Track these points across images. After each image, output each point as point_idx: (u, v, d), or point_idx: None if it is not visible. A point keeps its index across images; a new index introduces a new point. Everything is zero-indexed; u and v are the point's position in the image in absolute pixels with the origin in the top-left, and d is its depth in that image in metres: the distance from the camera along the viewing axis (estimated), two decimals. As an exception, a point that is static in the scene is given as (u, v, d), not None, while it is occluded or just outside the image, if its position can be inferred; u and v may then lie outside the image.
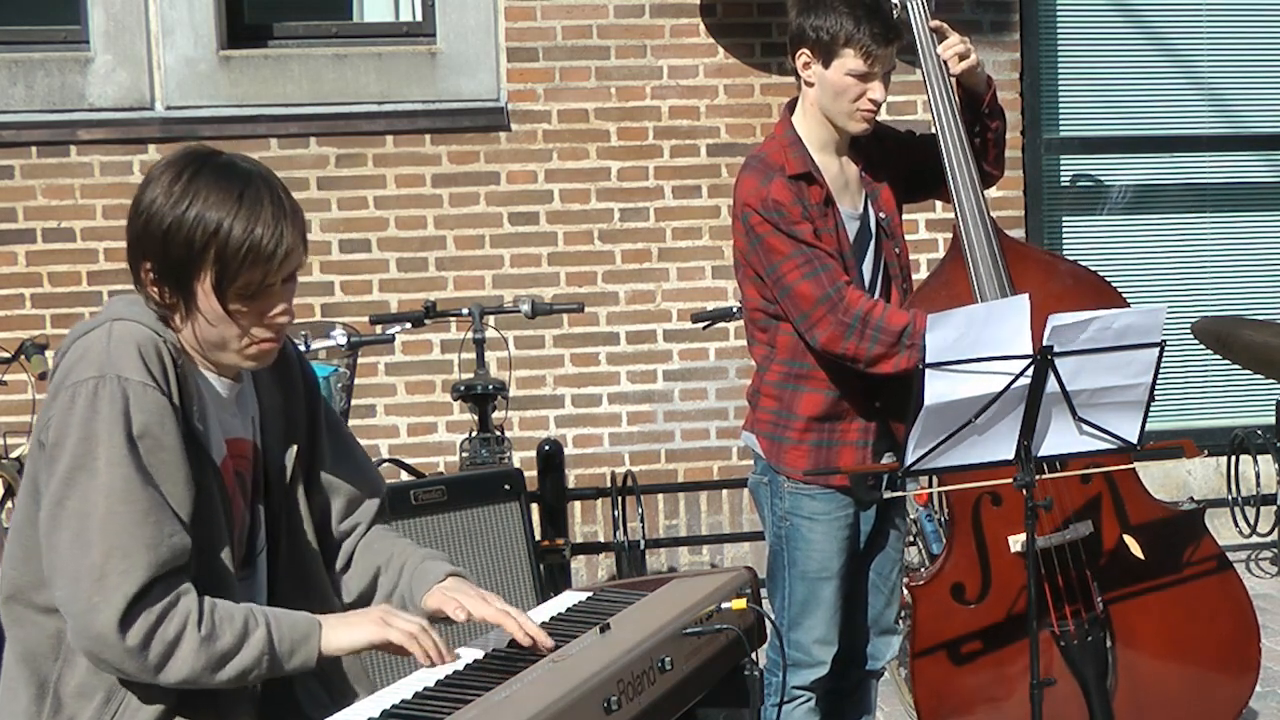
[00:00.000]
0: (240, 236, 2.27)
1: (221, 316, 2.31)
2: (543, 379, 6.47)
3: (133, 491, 2.20)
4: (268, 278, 2.32)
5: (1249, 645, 3.80)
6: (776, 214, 3.52)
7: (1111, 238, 7.09)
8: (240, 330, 2.34)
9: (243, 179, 2.31)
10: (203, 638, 2.23)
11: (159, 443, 2.23)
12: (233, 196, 2.29)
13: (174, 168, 2.32)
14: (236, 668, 2.26)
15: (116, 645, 2.19)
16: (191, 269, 2.28)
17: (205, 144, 2.41)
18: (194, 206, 2.28)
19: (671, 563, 6.56)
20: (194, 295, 2.30)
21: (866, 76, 3.52)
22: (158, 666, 2.21)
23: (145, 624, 2.19)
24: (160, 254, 2.29)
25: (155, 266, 2.31)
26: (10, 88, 6.19)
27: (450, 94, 6.41)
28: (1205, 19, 7.07)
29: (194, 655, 2.22)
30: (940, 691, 3.72)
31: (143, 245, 2.31)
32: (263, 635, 2.28)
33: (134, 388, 2.22)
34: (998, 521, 3.65)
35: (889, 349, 3.47)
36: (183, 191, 2.29)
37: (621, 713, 2.21)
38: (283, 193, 2.34)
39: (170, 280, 2.30)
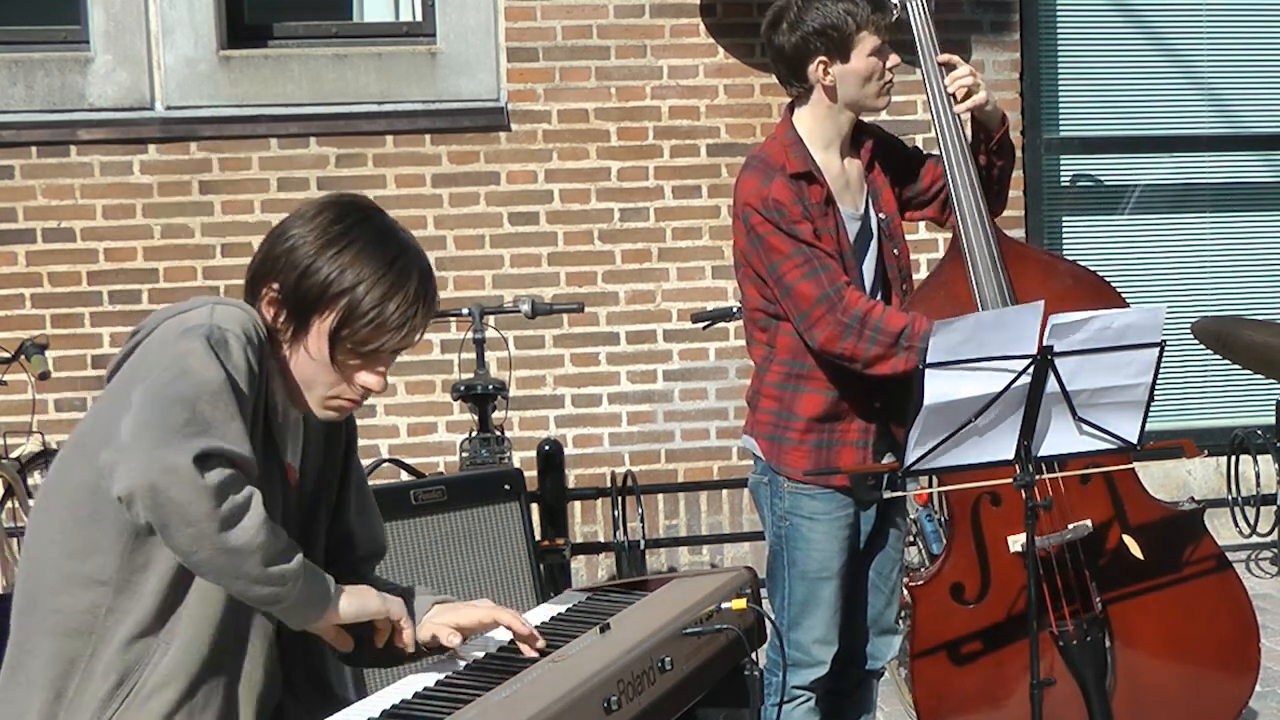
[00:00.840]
0: (375, 301, 2.33)
1: (325, 360, 2.36)
2: (543, 379, 6.47)
3: (222, 392, 2.18)
4: (382, 346, 2.38)
5: (1248, 645, 3.80)
6: (777, 213, 3.52)
7: (1111, 238, 7.09)
8: (333, 380, 2.38)
9: (399, 247, 2.38)
10: (264, 520, 2.19)
11: (244, 383, 2.24)
12: (385, 260, 2.35)
13: (336, 210, 2.39)
14: (279, 571, 2.22)
15: (192, 479, 2.11)
16: (317, 306, 2.34)
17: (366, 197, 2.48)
18: (345, 254, 2.33)
19: (671, 563, 6.56)
20: (308, 329, 2.35)
21: (883, 50, 3.58)
22: (226, 520, 2.15)
23: (221, 475, 2.14)
24: (293, 282, 2.34)
25: (283, 292, 2.35)
26: (10, 88, 6.19)
27: (450, 94, 6.41)
28: (1205, 19, 7.07)
29: (258, 528, 2.18)
30: (940, 691, 3.72)
31: (276, 268, 2.36)
32: (300, 562, 2.26)
33: (233, 337, 2.25)
34: (997, 522, 3.65)
35: (887, 350, 3.47)
36: (340, 235, 2.35)
37: (621, 713, 2.22)
38: (430, 276, 2.40)
39: (292, 310, 2.35)
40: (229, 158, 6.29)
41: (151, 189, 6.26)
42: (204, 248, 6.30)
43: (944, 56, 3.73)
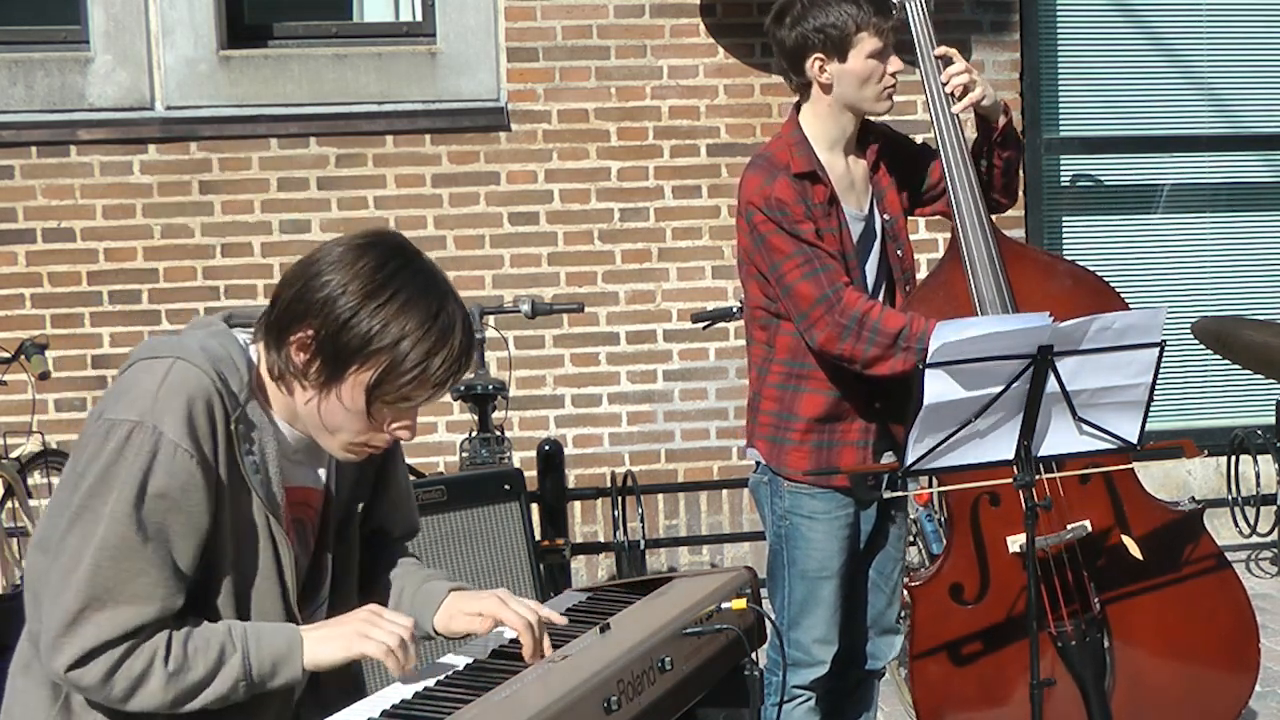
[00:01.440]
0: (419, 358, 2.24)
1: (360, 412, 2.28)
2: (543, 379, 6.48)
3: (126, 550, 2.17)
4: (418, 399, 2.30)
5: (1248, 645, 3.80)
6: (780, 213, 3.53)
7: (1111, 238, 7.09)
8: (364, 428, 2.31)
9: (441, 298, 2.28)
10: (170, 673, 2.20)
11: (176, 505, 2.20)
12: (430, 314, 2.25)
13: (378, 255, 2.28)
14: (210, 696, 2.23)
15: (74, 683, 2.20)
16: (356, 361, 2.25)
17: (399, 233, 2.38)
18: (389, 306, 2.23)
19: (671, 563, 6.56)
20: (343, 381, 2.26)
21: (883, 53, 3.56)
22: (123, 699, 2.20)
23: (106, 663, 2.17)
24: (332, 335, 2.24)
25: (318, 340, 2.25)
26: (10, 88, 6.19)
27: (450, 94, 6.41)
28: (1205, 19, 7.07)
29: (162, 690, 2.20)
30: (939, 692, 3.72)
31: (310, 313, 2.25)
32: (238, 662, 2.24)
33: (166, 446, 2.18)
34: (996, 522, 3.65)
35: (885, 350, 3.48)
36: (383, 285, 2.24)
37: (621, 713, 2.22)
38: (469, 326, 2.32)
39: (327, 359, 2.26)
40: (229, 158, 6.29)
41: (151, 189, 6.26)
42: (204, 248, 6.30)
43: (940, 50, 3.71)
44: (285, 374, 2.29)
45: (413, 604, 2.55)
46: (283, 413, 2.35)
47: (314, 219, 6.30)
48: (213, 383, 2.24)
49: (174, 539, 2.21)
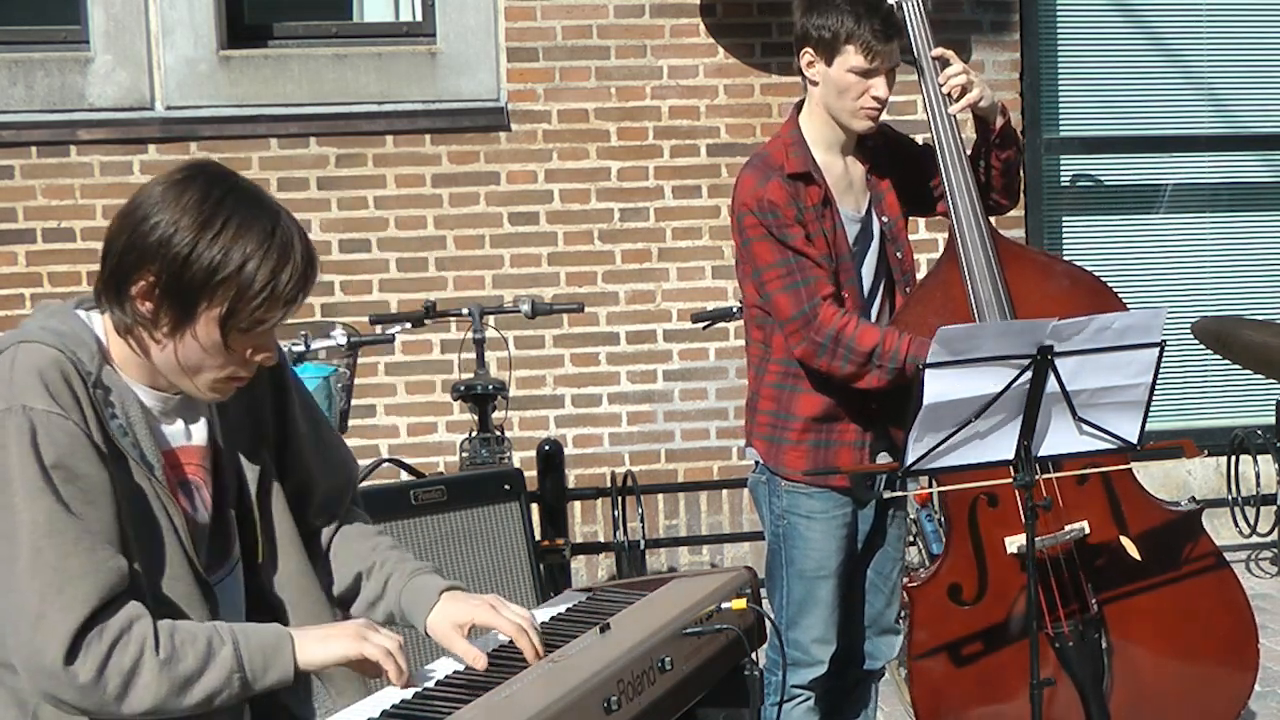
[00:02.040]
0: (266, 277, 2.21)
1: (217, 346, 2.24)
2: (543, 379, 6.48)
3: (56, 523, 2.13)
4: (272, 319, 2.26)
5: (1247, 645, 3.80)
6: (770, 215, 3.53)
7: (1111, 238, 7.09)
8: (224, 362, 2.27)
9: (273, 215, 2.25)
10: (162, 661, 2.16)
11: (73, 472, 2.16)
12: (266, 232, 2.22)
13: (200, 185, 2.24)
14: (204, 689, 2.19)
15: (69, 683, 2.12)
16: (204, 296, 2.21)
17: (214, 160, 2.34)
18: (225, 233, 2.20)
19: (671, 563, 6.56)
20: (195, 320, 2.22)
21: (869, 73, 3.53)
22: (118, 697, 2.14)
23: (96, 656, 2.13)
24: (175, 275, 2.20)
25: (161, 283, 2.21)
26: (10, 88, 6.19)
27: (450, 94, 6.41)
28: (1205, 19, 7.07)
29: (156, 681, 2.15)
30: (938, 692, 3.73)
31: (149, 258, 2.21)
32: (229, 654, 2.21)
33: (39, 417, 2.14)
34: (993, 523, 3.66)
35: (859, 368, 3.50)
36: (212, 215, 2.20)
37: (621, 713, 2.22)
38: (305, 235, 2.29)
39: (174, 300, 2.22)
40: (229, 158, 6.28)
41: (151, 189, 6.25)
42: (204, 248, 6.29)
43: (938, 51, 3.70)
44: (134, 328, 2.25)
45: (401, 597, 2.51)
46: (140, 375, 2.30)
47: (314, 219, 6.30)
48: (60, 353, 2.20)
49: (89, 508, 2.16)
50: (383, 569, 2.55)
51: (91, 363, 2.24)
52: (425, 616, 2.47)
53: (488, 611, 2.44)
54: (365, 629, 2.32)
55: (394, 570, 2.54)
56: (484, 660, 2.38)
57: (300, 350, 4.71)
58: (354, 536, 2.59)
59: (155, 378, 2.31)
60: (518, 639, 2.40)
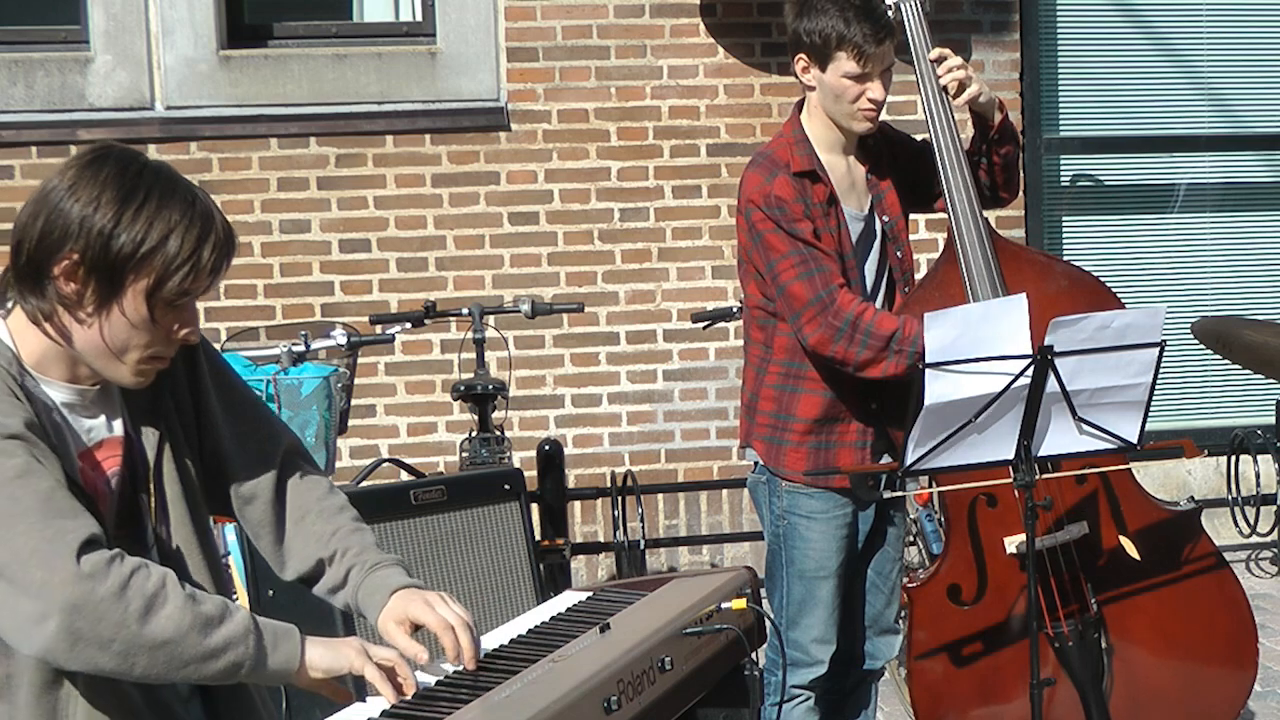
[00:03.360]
0: (191, 248, 2.21)
1: (144, 321, 2.24)
2: (543, 379, 6.48)
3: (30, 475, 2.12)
4: (196, 290, 2.26)
5: (1246, 645, 3.80)
6: (778, 211, 3.53)
7: (1111, 238, 7.09)
8: (150, 338, 2.26)
9: (188, 189, 2.26)
10: (187, 596, 2.14)
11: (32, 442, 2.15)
12: (187, 203, 2.23)
13: (114, 163, 2.24)
14: (224, 636, 2.16)
15: (89, 594, 2.07)
16: (130, 269, 2.21)
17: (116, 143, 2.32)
18: (147, 207, 2.20)
19: (671, 563, 6.56)
20: (122, 295, 2.22)
21: (863, 77, 3.53)
22: (141, 616, 2.10)
23: (120, 574, 2.10)
24: (100, 250, 2.19)
25: (86, 261, 2.20)
26: (10, 88, 6.19)
27: (450, 94, 6.41)
28: (1205, 19, 7.07)
29: (180, 610, 2.13)
30: (937, 692, 3.73)
31: (70, 237, 2.19)
32: (245, 615, 2.20)
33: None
34: (992, 523, 3.66)
35: (877, 354, 3.48)
36: (132, 189, 2.21)
37: (621, 713, 2.22)
38: (220, 210, 2.30)
39: (100, 276, 2.20)
40: (229, 158, 6.30)
41: (152, 189, 6.26)
42: (204, 248, 6.29)
43: (935, 52, 3.70)
44: (55, 312, 2.23)
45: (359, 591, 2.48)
46: (58, 371, 2.29)
47: (314, 219, 6.30)
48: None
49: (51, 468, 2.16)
50: (344, 558, 2.51)
51: (11, 368, 2.23)
52: (377, 614, 2.45)
53: (422, 607, 2.41)
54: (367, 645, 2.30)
55: (355, 562, 2.51)
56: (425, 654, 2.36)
57: (300, 350, 4.71)
58: (315, 516, 2.55)
59: (75, 369, 2.30)
60: (443, 635, 2.37)
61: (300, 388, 4.53)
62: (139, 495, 2.39)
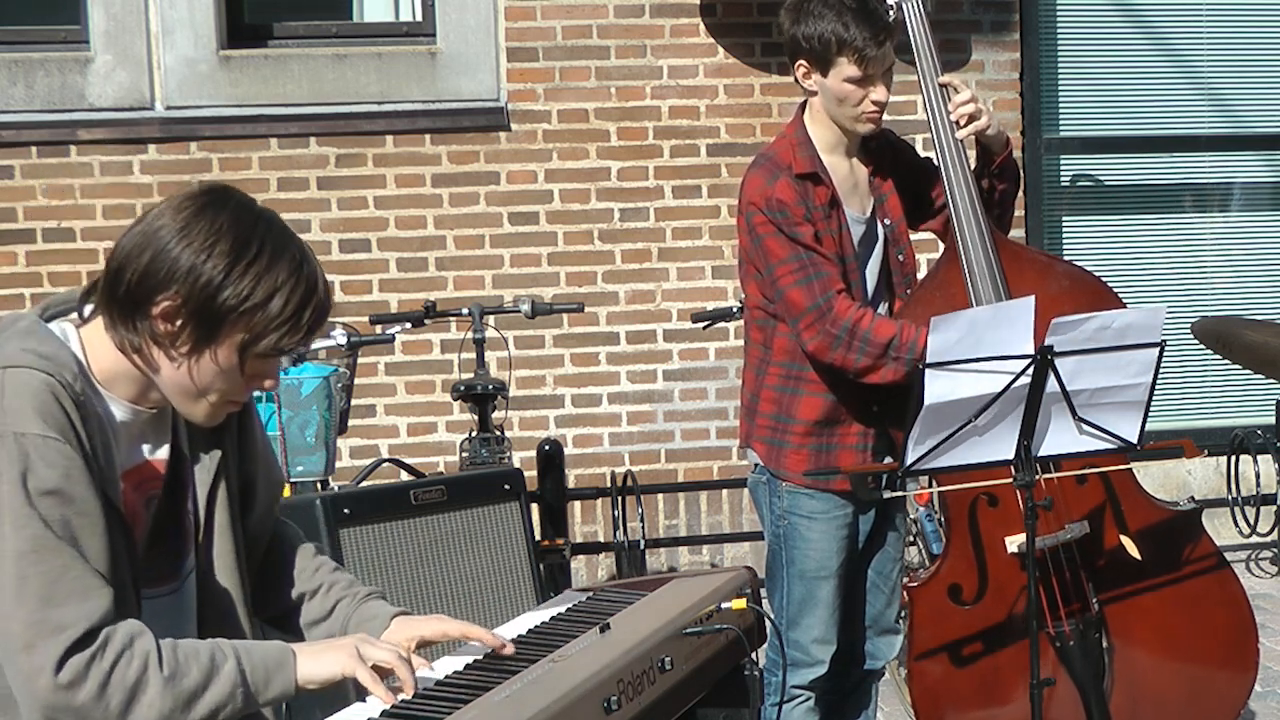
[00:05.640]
0: (293, 309, 2.24)
1: (233, 370, 2.26)
2: (543, 379, 6.48)
3: (44, 552, 2.11)
4: (288, 347, 2.30)
5: (1247, 645, 3.80)
6: (780, 214, 3.52)
7: (1111, 238, 7.09)
8: (232, 386, 2.29)
9: (299, 247, 2.29)
10: (167, 677, 2.15)
11: (68, 497, 2.15)
12: (295, 263, 2.26)
13: (231, 213, 2.26)
14: (209, 704, 2.18)
15: (68, 704, 2.11)
16: (230, 322, 2.22)
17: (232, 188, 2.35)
18: (258, 263, 2.22)
19: (671, 563, 6.56)
20: (217, 344, 2.24)
21: (865, 80, 3.52)
22: (122, 713, 2.13)
23: (99, 673, 2.12)
24: (205, 299, 2.20)
25: (188, 306, 2.21)
26: (10, 88, 6.19)
27: (450, 94, 6.41)
28: (1205, 19, 7.07)
29: (160, 697, 2.14)
30: (938, 692, 3.72)
31: (176, 281, 2.20)
32: (233, 668, 2.21)
33: (33, 443, 2.13)
34: (993, 522, 3.66)
35: (875, 360, 3.48)
36: (245, 242, 2.23)
37: (621, 713, 2.21)
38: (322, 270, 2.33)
39: (199, 323, 2.22)
40: (229, 158, 6.30)
41: (151, 189, 6.26)
42: (204, 248, 6.29)
43: (944, 79, 3.68)
44: (145, 347, 2.24)
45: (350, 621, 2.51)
46: (126, 391, 2.30)
47: (314, 219, 6.30)
48: (50, 377, 2.18)
49: (83, 533, 2.15)
50: (330, 592, 2.55)
51: (76, 383, 2.22)
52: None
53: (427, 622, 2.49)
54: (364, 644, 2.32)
55: (344, 595, 2.55)
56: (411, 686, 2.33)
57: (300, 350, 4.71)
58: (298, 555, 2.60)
59: (144, 395, 2.31)
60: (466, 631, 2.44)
61: (300, 388, 4.53)
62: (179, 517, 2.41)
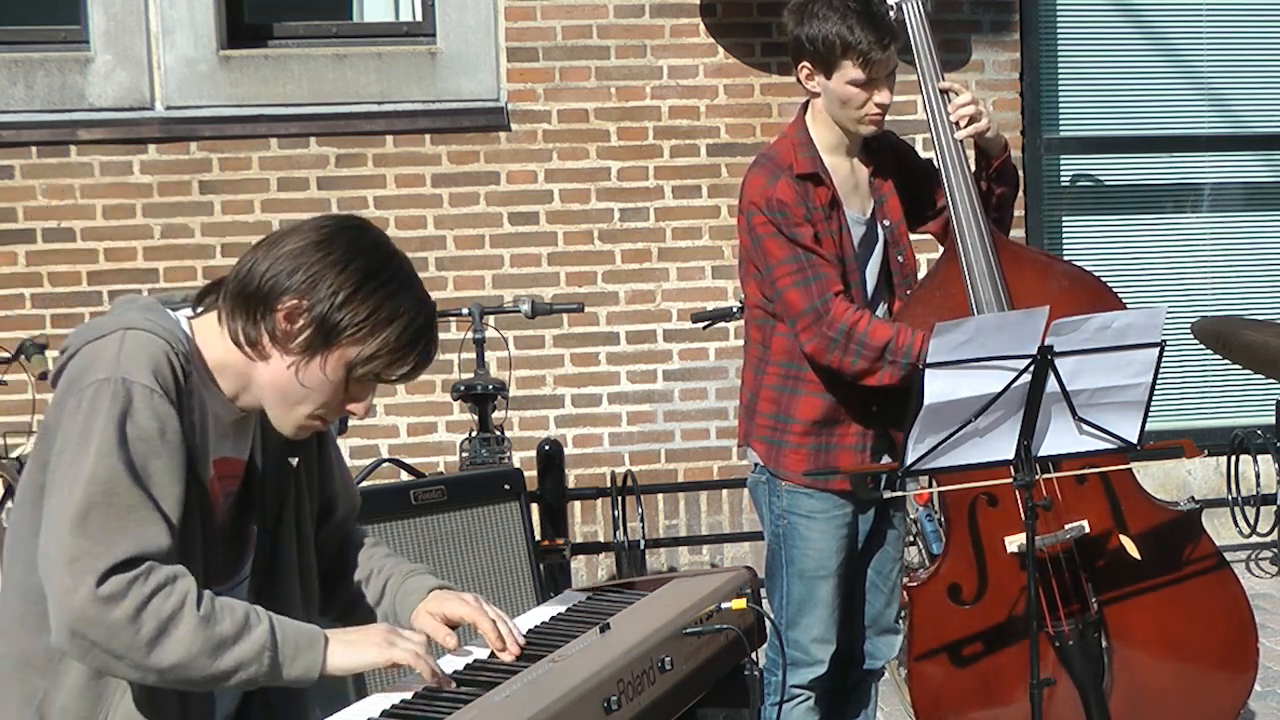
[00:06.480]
0: (406, 340, 2.32)
1: (338, 385, 2.34)
2: (543, 379, 6.48)
3: (117, 485, 2.17)
4: (390, 376, 2.37)
5: (1246, 645, 3.80)
6: (780, 214, 3.52)
7: (1111, 238, 7.09)
8: (328, 401, 2.35)
9: (421, 287, 2.37)
10: (202, 617, 2.18)
11: (155, 448, 2.21)
12: (418, 301, 2.34)
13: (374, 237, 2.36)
14: (235, 657, 2.21)
15: (101, 618, 2.13)
16: (347, 336, 2.30)
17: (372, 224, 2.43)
18: (385, 289, 2.30)
19: (671, 563, 6.56)
20: (330, 353, 2.31)
21: (869, 83, 3.52)
22: (151, 641, 2.15)
23: (138, 596, 2.14)
24: (329, 308, 2.28)
25: (313, 311, 2.29)
26: (10, 88, 6.19)
27: (450, 94, 6.41)
28: (1205, 19, 7.07)
29: (191, 635, 2.17)
30: (938, 692, 3.73)
31: (309, 285, 2.29)
32: (265, 631, 2.24)
33: (139, 391, 2.21)
34: (994, 522, 3.66)
35: (872, 364, 3.49)
36: (380, 268, 2.31)
37: (621, 713, 2.22)
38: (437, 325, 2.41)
39: (318, 330, 2.30)
40: (229, 158, 6.30)
41: (151, 189, 6.27)
42: (204, 248, 6.30)
43: (944, 84, 3.68)
44: (261, 339, 2.32)
45: (395, 597, 2.56)
46: (228, 384, 2.37)
47: (314, 219, 6.29)
48: (167, 344, 2.27)
49: (158, 483, 2.21)
50: (381, 574, 2.62)
51: (187, 362, 2.30)
52: (410, 612, 2.53)
53: (459, 603, 2.50)
54: (391, 634, 2.36)
55: (391, 573, 2.61)
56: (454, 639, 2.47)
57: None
58: (354, 548, 2.67)
59: (243, 392, 2.37)
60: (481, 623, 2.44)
61: (300, 388, 4.53)
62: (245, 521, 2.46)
